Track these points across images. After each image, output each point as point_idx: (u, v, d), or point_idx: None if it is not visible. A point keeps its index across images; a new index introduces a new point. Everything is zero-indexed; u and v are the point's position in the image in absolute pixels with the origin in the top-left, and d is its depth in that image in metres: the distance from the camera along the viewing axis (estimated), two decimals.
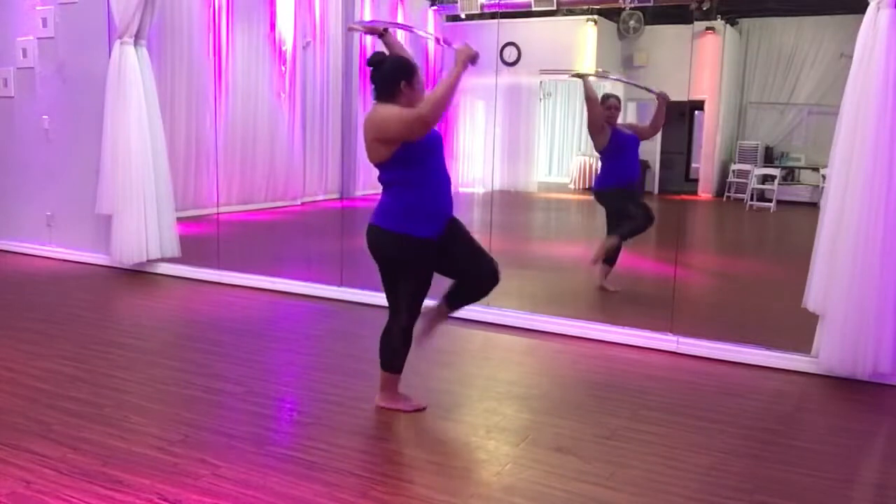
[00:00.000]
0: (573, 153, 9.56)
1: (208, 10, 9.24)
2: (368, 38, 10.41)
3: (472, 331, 4.71)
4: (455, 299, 3.38)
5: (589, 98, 5.63)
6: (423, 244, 3.15)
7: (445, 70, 10.79)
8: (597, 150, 5.75)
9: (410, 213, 3.13)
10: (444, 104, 3.00)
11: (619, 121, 5.74)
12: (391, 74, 3.14)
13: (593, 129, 5.61)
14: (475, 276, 3.30)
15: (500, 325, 4.79)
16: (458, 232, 3.28)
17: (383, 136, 3.08)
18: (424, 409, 3.35)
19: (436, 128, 3.26)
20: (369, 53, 3.43)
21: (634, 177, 5.72)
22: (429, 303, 3.35)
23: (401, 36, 3.80)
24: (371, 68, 3.19)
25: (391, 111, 3.08)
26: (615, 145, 5.60)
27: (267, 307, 5.27)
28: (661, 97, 5.53)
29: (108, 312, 5.21)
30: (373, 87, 3.20)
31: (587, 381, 3.89)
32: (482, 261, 3.30)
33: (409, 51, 3.46)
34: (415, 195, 3.13)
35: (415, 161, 3.12)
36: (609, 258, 5.72)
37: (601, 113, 5.60)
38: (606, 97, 5.73)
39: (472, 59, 3.07)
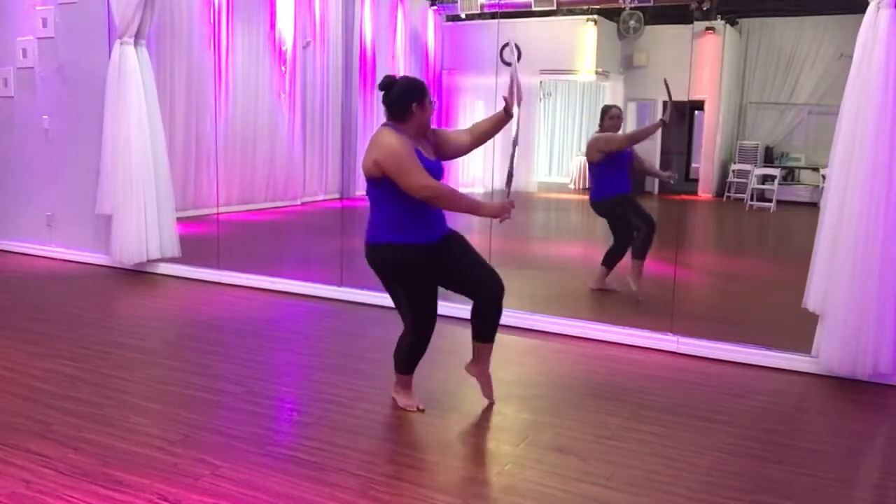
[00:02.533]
0: (573, 153, 9.56)
1: (208, 10, 9.23)
2: (368, 38, 10.43)
3: None
4: (476, 326, 3.40)
5: (639, 139, 5.71)
6: (412, 251, 3.16)
7: (444, 70, 10.79)
8: (592, 160, 5.72)
9: (397, 223, 3.15)
10: (444, 205, 3.12)
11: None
12: (403, 97, 3.15)
13: (607, 149, 5.60)
14: (477, 286, 3.31)
15: (501, 324, 4.78)
16: (459, 246, 3.31)
17: (382, 165, 3.07)
18: (421, 410, 3.36)
19: (441, 161, 3.30)
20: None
21: (628, 185, 5.73)
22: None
23: (400, 37, 3.81)
24: (382, 91, 3.20)
25: (401, 152, 3.05)
26: (614, 156, 5.60)
27: (267, 307, 5.27)
28: (661, 122, 5.69)
29: (108, 312, 5.21)
30: (385, 109, 3.21)
31: (587, 381, 3.89)
32: (483, 272, 3.31)
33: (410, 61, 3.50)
34: (402, 207, 3.13)
35: (384, 183, 3.13)
36: (609, 262, 5.73)
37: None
38: (609, 107, 5.74)
39: (499, 216, 3.17)
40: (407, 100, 3.15)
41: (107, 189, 6.04)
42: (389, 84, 3.19)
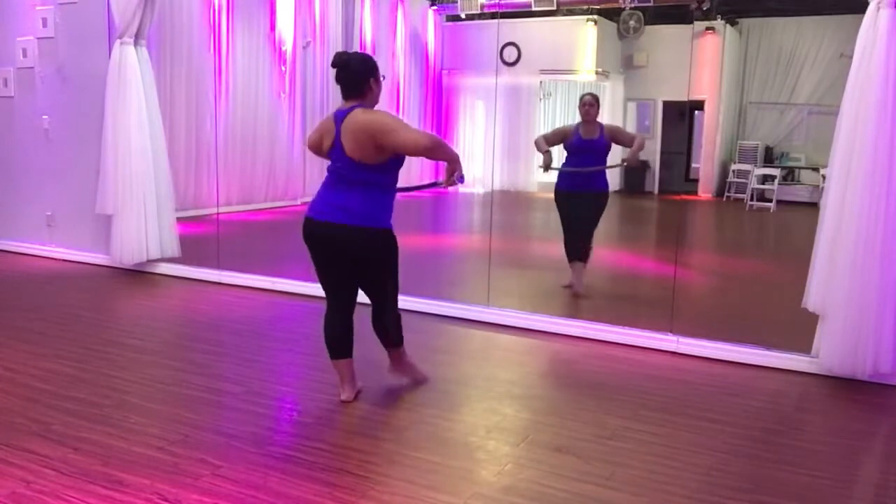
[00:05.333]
0: None
1: (208, 10, 9.24)
2: (368, 38, 10.44)
3: (472, 331, 4.71)
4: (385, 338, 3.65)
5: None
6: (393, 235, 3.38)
7: (444, 70, 10.81)
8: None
9: (385, 210, 3.31)
10: (441, 152, 3.21)
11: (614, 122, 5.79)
12: (362, 74, 3.24)
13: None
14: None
15: (500, 325, 4.79)
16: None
17: (377, 131, 3.14)
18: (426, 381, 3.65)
19: None
20: (369, 53, 3.48)
21: (572, 183, 5.69)
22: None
23: (400, 37, 3.83)
24: (336, 69, 3.24)
25: (390, 119, 3.21)
26: (566, 147, 5.75)
27: (267, 307, 5.27)
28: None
29: (108, 312, 5.21)
30: (341, 86, 3.26)
31: (587, 381, 3.89)
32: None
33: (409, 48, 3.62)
34: (388, 197, 3.33)
35: (393, 169, 3.29)
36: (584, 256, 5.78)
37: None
38: (582, 95, 5.80)
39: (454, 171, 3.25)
40: (366, 76, 3.23)
41: (107, 189, 6.03)
42: (346, 61, 3.23)
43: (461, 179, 3.26)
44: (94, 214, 6.22)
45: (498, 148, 8.99)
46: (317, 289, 5.52)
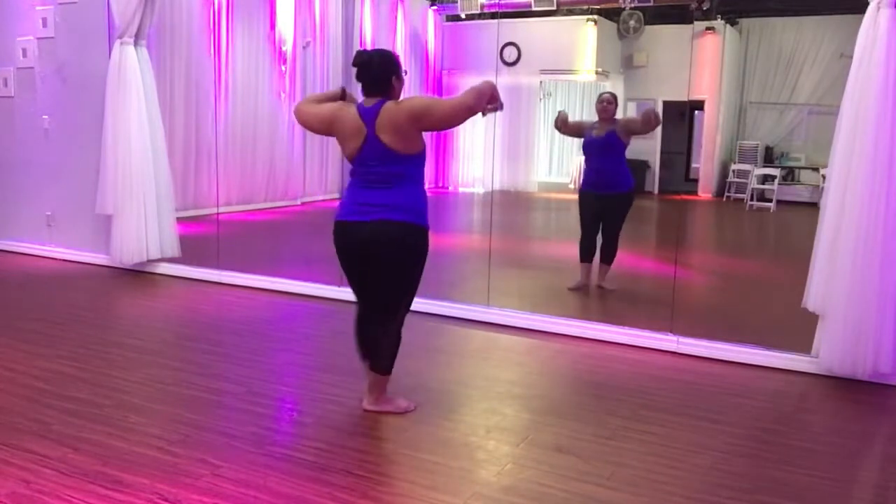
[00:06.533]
0: (573, 153, 9.56)
1: (208, 10, 9.24)
2: (368, 38, 10.44)
3: (472, 331, 4.71)
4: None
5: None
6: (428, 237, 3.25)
7: (444, 70, 10.80)
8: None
9: (424, 206, 3.20)
10: (475, 110, 3.07)
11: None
12: (385, 71, 3.17)
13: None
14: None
15: (500, 325, 4.79)
16: None
17: (418, 114, 3.06)
18: (414, 409, 3.35)
19: None
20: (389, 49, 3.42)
21: (593, 184, 5.72)
22: None
23: (400, 37, 3.81)
24: (358, 68, 3.18)
25: (429, 97, 3.20)
26: (584, 146, 5.82)
27: (267, 307, 5.27)
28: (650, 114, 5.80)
29: (108, 312, 5.21)
30: (362, 84, 3.21)
31: (587, 381, 3.89)
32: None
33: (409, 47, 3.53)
34: (423, 191, 3.25)
35: (424, 161, 3.24)
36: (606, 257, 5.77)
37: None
38: (600, 94, 5.87)
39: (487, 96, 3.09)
40: (389, 73, 3.18)
41: (107, 189, 6.03)
42: (367, 60, 3.17)
43: (501, 107, 3.14)
44: (94, 214, 6.22)
45: (498, 148, 8.99)
46: (317, 289, 5.56)
